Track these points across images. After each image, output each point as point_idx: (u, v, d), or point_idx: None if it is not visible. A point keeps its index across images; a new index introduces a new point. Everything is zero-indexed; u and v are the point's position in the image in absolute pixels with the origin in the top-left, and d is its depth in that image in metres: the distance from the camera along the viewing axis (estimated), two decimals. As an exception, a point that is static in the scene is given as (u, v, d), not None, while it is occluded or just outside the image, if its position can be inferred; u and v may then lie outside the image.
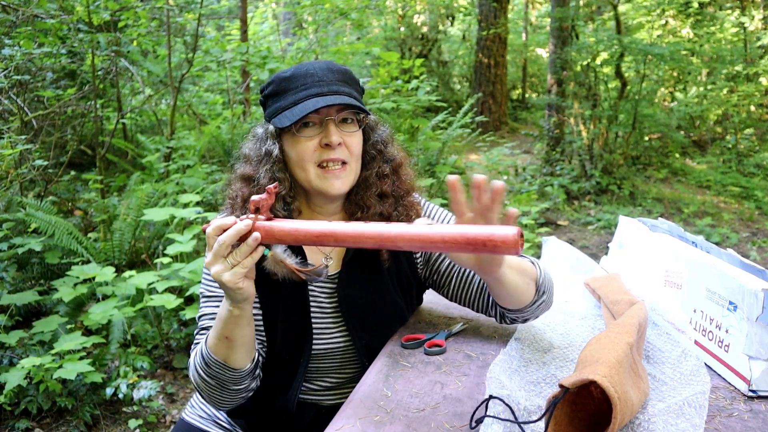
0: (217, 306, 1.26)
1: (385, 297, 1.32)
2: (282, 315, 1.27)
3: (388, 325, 1.35)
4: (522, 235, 0.85)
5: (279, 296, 1.28)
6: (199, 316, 1.29)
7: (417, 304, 1.49)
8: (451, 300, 1.37)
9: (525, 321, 1.28)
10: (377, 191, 1.30)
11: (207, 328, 1.26)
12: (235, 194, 1.27)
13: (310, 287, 1.29)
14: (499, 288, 1.12)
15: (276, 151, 1.25)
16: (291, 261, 1.05)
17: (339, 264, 1.31)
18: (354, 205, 1.31)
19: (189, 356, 1.27)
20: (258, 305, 1.28)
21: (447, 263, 1.34)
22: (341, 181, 1.23)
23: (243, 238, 1.01)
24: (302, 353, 1.29)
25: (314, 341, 1.29)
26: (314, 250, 1.31)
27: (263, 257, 1.05)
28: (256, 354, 1.23)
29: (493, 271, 1.04)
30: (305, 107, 1.18)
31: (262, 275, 1.28)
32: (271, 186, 1.04)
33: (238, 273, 1.01)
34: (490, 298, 1.29)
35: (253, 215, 1.03)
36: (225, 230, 1.01)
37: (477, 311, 1.35)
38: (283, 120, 1.20)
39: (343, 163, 1.23)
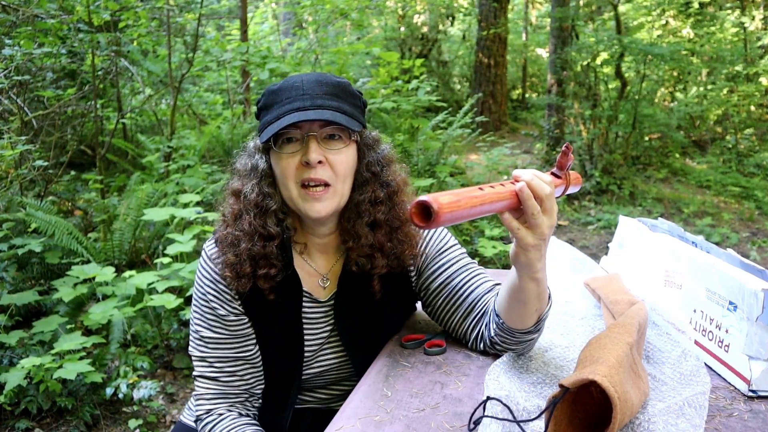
0: (224, 329, 1.23)
1: (380, 314, 1.30)
2: (273, 338, 1.25)
3: (383, 342, 1.32)
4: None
5: (271, 319, 1.25)
6: (201, 344, 1.24)
7: (412, 310, 1.46)
8: (434, 320, 1.32)
9: (500, 351, 1.20)
10: (369, 219, 1.20)
11: (213, 358, 1.22)
12: (226, 211, 1.23)
13: (303, 310, 1.27)
14: (516, 294, 1.05)
15: (262, 165, 1.20)
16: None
17: (335, 285, 1.27)
18: (345, 232, 1.22)
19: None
20: (251, 328, 1.25)
21: (438, 282, 1.27)
22: (322, 204, 1.14)
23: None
24: (293, 377, 1.28)
25: (308, 363, 1.28)
26: (311, 272, 1.28)
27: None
28: None
29: (530, 261, 0.96)
30: (282, 122, 1.11)
31: (256, 299, 1.23)
32: (568, 142, 1.05)
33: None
34: (471, 325, 1.23)
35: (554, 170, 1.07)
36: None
37: (454, 336, 1.29)
38: (263, 135, 1.15)
39: (326, 184, 1.14)
